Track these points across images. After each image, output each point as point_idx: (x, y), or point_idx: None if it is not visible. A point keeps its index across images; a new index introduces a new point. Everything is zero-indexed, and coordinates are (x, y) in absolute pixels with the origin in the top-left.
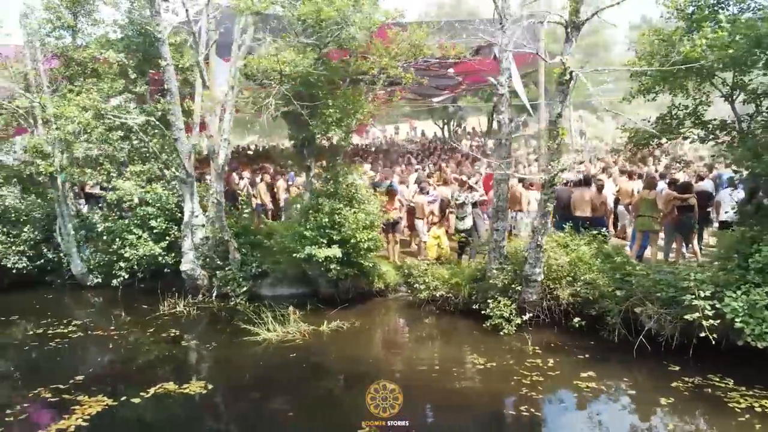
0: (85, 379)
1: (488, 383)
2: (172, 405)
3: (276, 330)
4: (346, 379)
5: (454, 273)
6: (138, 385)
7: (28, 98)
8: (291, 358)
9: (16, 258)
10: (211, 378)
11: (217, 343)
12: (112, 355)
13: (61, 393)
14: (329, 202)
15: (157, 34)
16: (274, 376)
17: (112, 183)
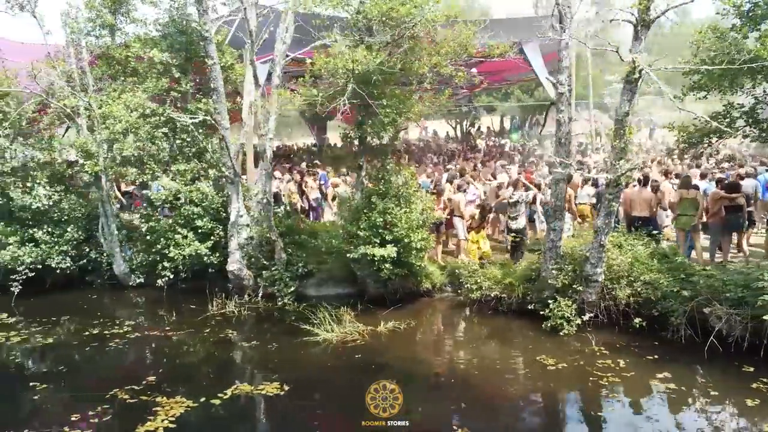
0: (157, 380)
1: (565, 385)
2: (253, 406)
3: (334, 330)
4: (416, 382)
5: (506, 273)
6: (213, 386)
7: (79, 97)
8: (357, 359)
9: (60, 258)
10: (284, 379)
11: (277, 343)
12: (176, 355)
13: (137, 394)
14: (382, 201)
15: (204, 33)
16: (347, 377)
17: (157, 182)
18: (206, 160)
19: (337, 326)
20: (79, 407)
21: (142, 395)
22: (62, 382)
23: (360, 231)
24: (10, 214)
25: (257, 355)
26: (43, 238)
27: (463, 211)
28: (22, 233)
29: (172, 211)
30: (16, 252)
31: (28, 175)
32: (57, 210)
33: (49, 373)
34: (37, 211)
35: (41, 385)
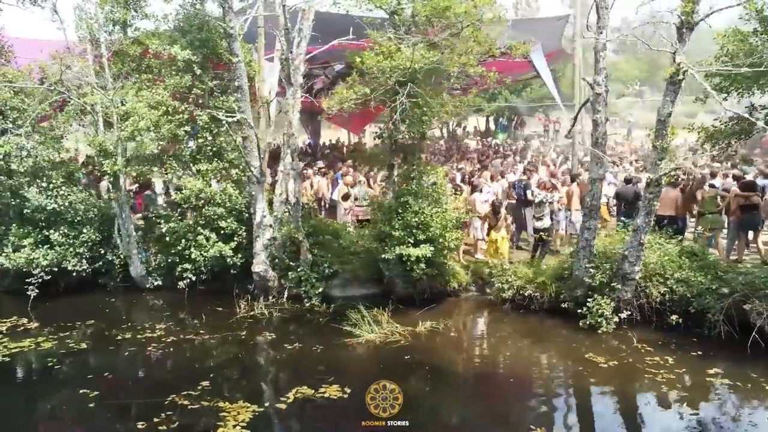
0: (213, 384)
1: (623, 382)
2: (321, 410)
3: (375, 331)
4: (478, 383)
5: (537, 272)
6: (271, 390)
7: (103, 94)
8: (407, 360)
9: (75, 260)
10: (342, 381)
11: (320, 345)
12: (222, 359)
13: (197, 399)
14: (416, 201)
15: (229, 30)
16: (406, 379)
17: (180, 182)
18: (227, 159)
19: (376, 327)
20: (141, 414)
21: (202, 401)
22: (113, 389)
23: (395, 231)
24: (21, 216)
25: (304, 357)
26: (59, 240)
27: (480, 211)
28: (35, 235)
29: (195, 211)
30: (31, 254)
31: (44, 174)
32: (72, 210)
33: (96, 379)
34: (51, 212)
35: (91, 392)
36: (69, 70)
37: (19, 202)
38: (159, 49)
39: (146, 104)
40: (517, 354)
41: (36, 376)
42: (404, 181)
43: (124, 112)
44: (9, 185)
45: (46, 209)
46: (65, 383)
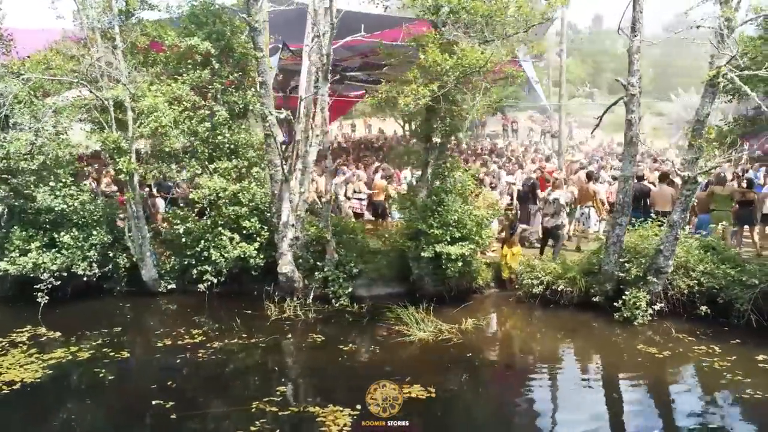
0: (292, 390)
1: (688, 371)
2: (419, 411)
3: (424, 329)
4: (553, 377)
5: (566, 267)
6: (353, 392)
7: (127, 88)
8: (469, 357)
9: (85, 264)
10: (419, 380)
11: (374, 345)
12: (282, 362)
13: (283, 405)
14: (452, 199)
15: (253, 23)
16: (478, 375)
17: (197, 180)
18: (246, 157)
19: (423, 325)
20: (234, 424)
21: (290, 406)
22: (184, 398)
23: (433, 229)
24: (23, 218)
25: (364, 357)
26: (68, 243)
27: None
28: (41, 238)
29: (213, 210)
30: (38, 259)
31: (51, 173)
32: (81, 211)
33: (161, 389)
34: (58, 214)
35: (165, 402)
36: (84, 61)
37: (24, 203)
38: (174, 41)
39: (165, 99)
40: (571, 347)
41: (93, 388)
42: (437, 179)
43: (144, 108)
44: (14, 185)
45: (53, 210)
46: (130, 394)
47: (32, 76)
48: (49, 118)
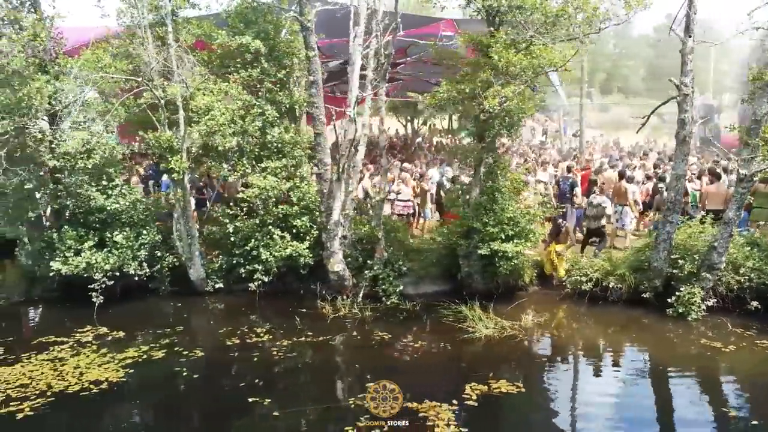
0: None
1: (762, 363)
2: (512, 404)
3: (488, 327)
4: (637, 372)
5: (615, 264)
6: (442, 387)
7: (188, 86)
8: (542, 353)
9: (136, 264)
10: (505, 377)
11: (444, 342)
12: (358, 359)
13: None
14: (507, 197)
15: (306, 23)
16: (561, 372)
17: (248, 179)
18: (294, 156)
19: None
20: (341, 420)
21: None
22: (279, 395)
23: (489, 227)
24: (72, 218)
25: (438, 354)
26: (120, 243)
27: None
28: (92, 238)
29: (263, 209)
30: (92, 258)
31: (104, 172)
32: (132, 211)
33: (251, 386)
34: (110, 213)
35: (262, 399)
36: (138, 60)
37: (75, 203)
38: (225, 39)
39: (218, 98)
40: (637, 343)
41: (183, 386)
42: (489, 177)
43: (201, 106)
44: (68, 185)
45: (105, 210)
46: (223, 392)
47: (94, 76)
48: (104, 117)
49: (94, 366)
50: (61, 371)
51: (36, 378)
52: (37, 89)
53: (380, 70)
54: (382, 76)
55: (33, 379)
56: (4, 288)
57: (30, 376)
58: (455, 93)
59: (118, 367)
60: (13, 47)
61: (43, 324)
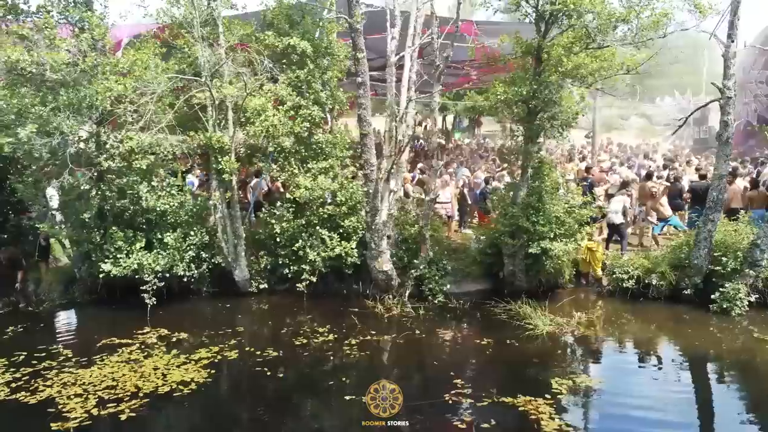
0: (469, 381)
1: None
2: (605, 399)
3: (547, 324)
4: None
5: (655, 262)
6: (530, 383)
7: (244, 87)
8: (605, 347)
9: (184, 265)
10: (583, 371)
11: (510, 339)
12: (434, 357)
13: (477, 397)
14: (555, 197)
15: (355, 24)
16: (632, 367)
17: (296, 180)
18: (339, 156)
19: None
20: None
21: (485, 398)
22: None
23: (539, 226)
24: (117, 219)
25: (509, 351)
26: (169, 244)
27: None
28: (141, 239)
29: (309, 209)
30: (143, 260)
31: (154, 173)
32: (180, 211)
33: (339, 385)
34: (158, 214)
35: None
36: (191, 61)
37: (125, 204)
38: (273, 41)
39: (268, 99)
40: (689, 337)
41: (273, 386)
42: (536, 178)
43: (255, 107)
44: (120, 185)
45: (154, 211)
46: (323, 390)
47: (156, 77)
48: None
49: (173, 367)
50: (141, 373)
51: (119, 380)
52: (107, 88)
53: (435, 73)
54: (437, 78)
55: (117, 381)
56: (43, 290)
57: (112, 378)
58: (511, 95)
59: (198, 368)
60: (80, 46)
61: (97, 326)
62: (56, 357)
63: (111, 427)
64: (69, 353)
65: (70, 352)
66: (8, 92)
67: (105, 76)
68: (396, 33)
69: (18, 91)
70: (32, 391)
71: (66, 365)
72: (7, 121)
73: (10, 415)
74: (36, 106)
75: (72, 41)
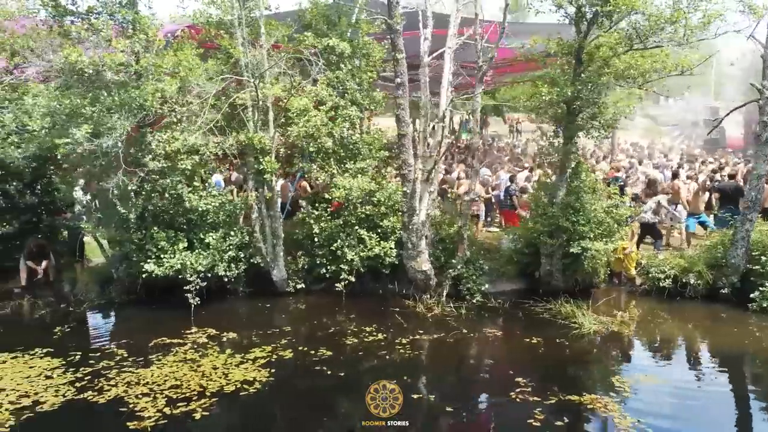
0: (534, 380)
1: None
2: (671, 397)
3: (592, 323)
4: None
5: (692, 261)
6: (589, 381)
7: (293, 86)
8: (660, 347)
9: (225, 265)
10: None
11: (556, 337)
12: (489, 356)
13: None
14: (595, 197)
15: (395, 25)
16: (696, 365)
17: (335, 180)
18: (376, 156)
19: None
20: (515, 412)
21: (551, 396)
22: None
23: (579, 226)
24: (158, 219)
25: (559, 348)
26: (211, 244)
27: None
28: (182, 239)
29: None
30: (185, 260)
31: (195, 173)
32: (221, 212)
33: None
34: (200, 214)
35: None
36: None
37: (166, 204)
38: (313, 42)
39: (311, 99)
40: (736, 335)
41: (337, 384)
42: (575, 178)
43: (300, 108)
44: (164, 186)
45: (196, 211)
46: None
47: (212, 82)
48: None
49: (231, 367)
50: (202, 372)
51: (182, 379)
52: (157, 89)
53: (478, 74)
54: (479, 79)
55: (180, 380)
56: (79, 290)
57: (175, 377)
58: (555, 95)
59: (257, 368)
60: (134, 47)
61: (143, 326)
62: (112, 357)
63: (186, 426)
64: (123, 353)
65: (124, 352)
66: (60, 93)
67: (155, 76)
68: (428, 33)
69: (68, 92)
70: (98, 391)
71: (124, 365)
72: (59, 121)
73: (81, 414)
74: (86, 107)
75: (126, 42)
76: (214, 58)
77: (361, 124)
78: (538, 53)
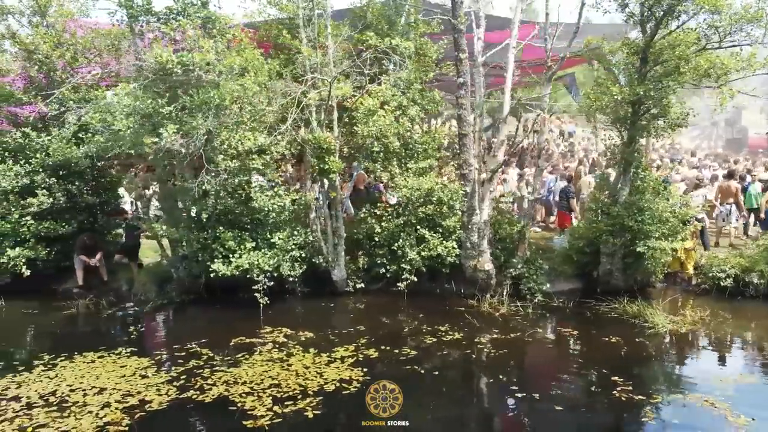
0: (630, 379)
1: None
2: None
3: (664, 321)
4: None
5: (752, 260)
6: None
7: (363, 86)
8: (741, 345)
9: (289, 264)
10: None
11: (634, 336)
12: (572, 354)
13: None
14: (661, 197)
15: (459, 25)
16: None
17: (395, 181)
18: (437, 156)
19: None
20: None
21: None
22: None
23: (645, 225)
24: (222, 219)
25: (640, 348)
26: (277, 243)
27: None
28: (249, 239)
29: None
30: (252, 260)
31: (261, 173)
32: (286, 212)
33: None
34: (265, 214)
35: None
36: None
37: (232, 204)
38: (375, 42)
39: (378, 100)
40: None
41: (445, 383)
42: (637, 177)
43: (367, 108)
44: (234, 185)
45: (264, 210)
46: (503, 388)
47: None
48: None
49: (322, 365)
50: (295, 371)
51: (278, 378)
52: (234, 89)
53: (546, 74)
54: (548, 78)
55: (277, 380)
56: (137, 290)
57: (270, 376)
58: (626, 95)
59: (348, 367)
60: (217, 48)
61: (214, 325)
62: (198, 356)
63: (302, 424)
64: (208, 352)
65: (208, 351)
66: (142, 92)
67: (232, 76)
68: (481, 33)
69: (149, 92)
70: (200, 390)
71: (213, 364)
72: (139, 121)
73: (192, 413)
74: (164, 106)
75: (211, 42)
76: (276, 58)
77: (421, 123)
78: (591, 52)
